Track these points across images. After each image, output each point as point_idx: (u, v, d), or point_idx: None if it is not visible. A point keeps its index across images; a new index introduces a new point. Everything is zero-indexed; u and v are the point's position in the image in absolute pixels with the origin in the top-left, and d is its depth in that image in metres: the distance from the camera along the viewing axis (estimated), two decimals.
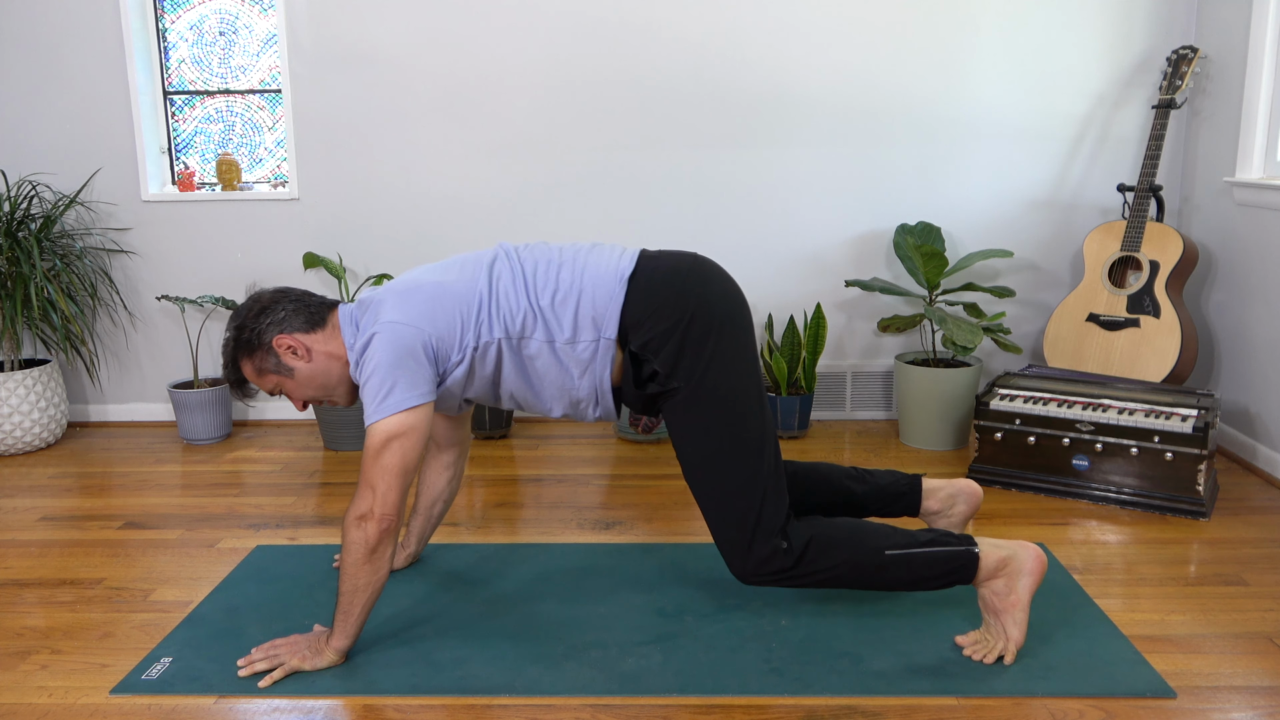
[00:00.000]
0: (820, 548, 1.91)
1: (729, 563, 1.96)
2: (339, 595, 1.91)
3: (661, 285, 1.95)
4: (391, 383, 1.85)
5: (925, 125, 3.46)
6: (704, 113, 3.47)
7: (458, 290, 1.94)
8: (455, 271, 1.98)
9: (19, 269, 3.27)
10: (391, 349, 1.86)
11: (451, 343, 1.92)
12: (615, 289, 1.95)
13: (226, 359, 2.04)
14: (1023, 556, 1.94)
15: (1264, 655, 1.97)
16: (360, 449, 3.38)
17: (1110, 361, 3.16)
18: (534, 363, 1.97)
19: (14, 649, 2.07)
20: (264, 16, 3.59)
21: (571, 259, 2.00)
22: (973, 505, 2.25)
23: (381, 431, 1.85)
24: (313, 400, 2.06)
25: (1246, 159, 3.12)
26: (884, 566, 1.93)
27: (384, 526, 1.85)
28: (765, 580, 1.93)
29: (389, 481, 1.85)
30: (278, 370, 2.01)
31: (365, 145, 3.52)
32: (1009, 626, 1.93)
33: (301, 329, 2.00)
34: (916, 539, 1.95)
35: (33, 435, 3.40)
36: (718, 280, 2.00)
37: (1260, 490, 2.89)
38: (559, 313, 1.95)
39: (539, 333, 1.95)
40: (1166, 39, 3.38)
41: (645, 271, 1.97)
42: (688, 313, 1.93)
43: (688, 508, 2.81)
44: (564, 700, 1.84)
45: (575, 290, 1.95)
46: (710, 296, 1.96)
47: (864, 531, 1.95)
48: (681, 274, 1.97)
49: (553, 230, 3.56)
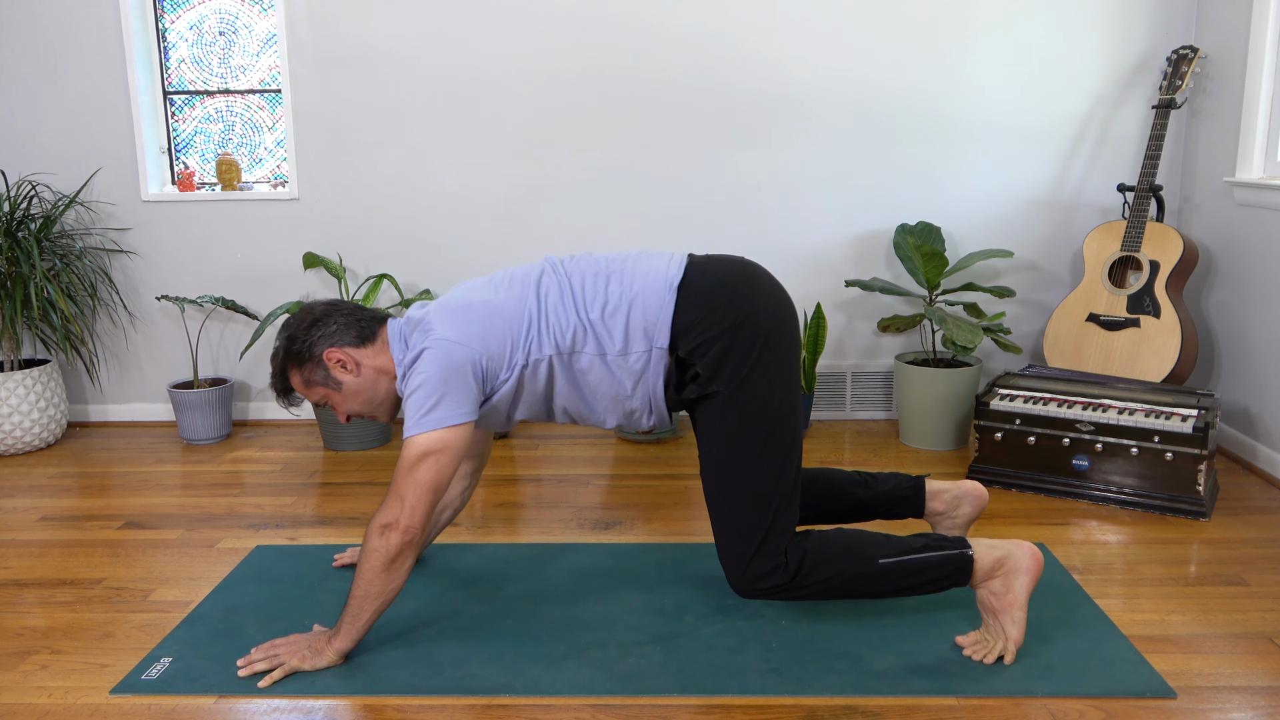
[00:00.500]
0: (815, 562, 1.92)
1: (729, 574, 1.96)
2: (350, 598, 1.91)
3: (712, 291, 1.95)
4: (437, 398, 1.86)
5: (925, 125, 3.46)
6: (704, 112, 3.47)
7: (507, 309, 1.94)
8: (504, 290, 1.98)
9: (19, 269, 3.27)
10: (441, 365, 1.87)
11: (501, 361, 1.93)
12: (666, 298, 1.95)
13: (275, 368, 2.04)
14: (1019, 555, 1.94)
15: (1264, 655, 1.97)
16: (360, 449, 3.39)
17: (1110, 361, 3.16)
18: (586, 376, 1.97)
19: (14, 649, 2.07)
20: (264, 16, 3.59)
21: (619, 269, 2.00)
22: (978, 507, 2.26)
23: (420, 445, 1.85)
24: (356, 414, 2.08)
25: (1246, 159, 3.12)
26: (878, 575, 1.93)
27: (407, 538, 1.86)
28: (762, 594, 1.94)
29: (419, 495, 1.85)
30: (325, 383, 2.02)
31: (365, 145, 3.53)
32: (1008, 626, 1.93)
33: (352, 343, 2.00)
34: (909, 546, 1.95)
35: (33, 435, 3.40)
36: (768, 289, 2.00)
37: (1260, 490, 2.89)
38: (609, 325, 1.95)
39: (590, 346, 1.95)
40: (1166, 39, 3.38)
41: (695, 278, 1.97)
42: (738, 320, 1.92)
43: (688, 508, 2.81)
44: (564, 700, 1.84)
45: (625, 301, 1.95)
46: (761, 305, 1.96)
47: (857, 542, 1.96)
48: (732, 280, 1.97)
49: (552, 230, 3.56)
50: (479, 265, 3.60)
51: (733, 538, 1.94)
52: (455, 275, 3.61)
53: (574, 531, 2.64)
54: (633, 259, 2.03)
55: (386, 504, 1.87)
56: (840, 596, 1.96)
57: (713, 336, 1.93)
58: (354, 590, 1.91)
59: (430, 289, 3.62)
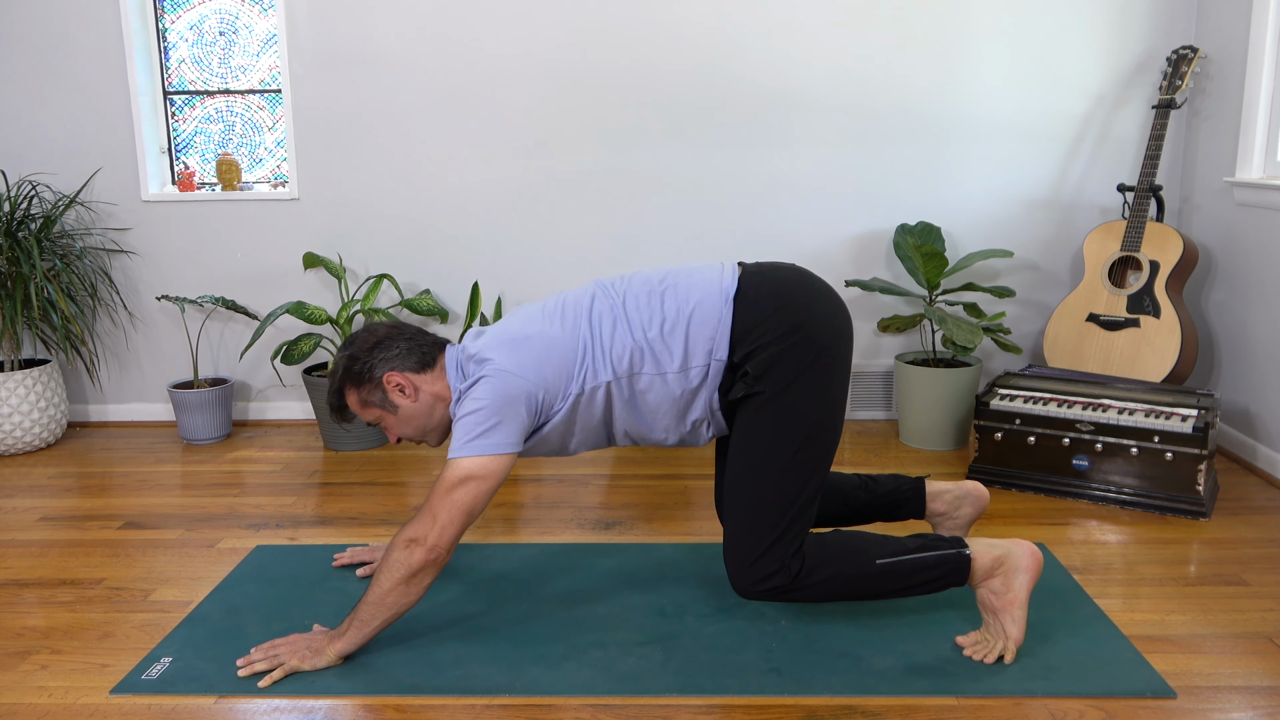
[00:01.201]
0: (813, 564, 1.92)
1: (731, 571, 1.96)
2: (362, 603, 1.91)
3: (769, 299, 1.95)
4: (489, 425, 1.87)
5: (925, 125, 3.46)
6: (704, 112, 3.47)
7: (563, 341, 1.95)
8: (558, 320, 1.98)
9: (19, 269, 3.27)
10: (497, 394, 1.88)
11: (556, 392, 1.94)
12: (723, 310, 1.95)
13: (333, 385, 2.05)
14: (1018, 554, 1.94)
15: (1264, 655, 1.97)
16: (360, 449, 3.39)
17: (1110, 361, 3.16)
18: (646, 396, 1.98)
19: (14, 649, 2.07)
20: (264, 16, 3.59)
21: (673, 285, 2.00)
22: (979, 508, 2.26)
23: (463, 468, 1.86)
24: (408, 438, 2.09)
25: (1246, 159, 3.12)
26: (876, 576, 1.93)
27: (432, 558, 1.86)
28: (761, 595, 1.94)
29: (452, 516, 1.86)
30: (382, 405, 2.03)
31: (365, 145, 3.53)
32: (1008, 625, 1.93)
33: (413, 368, 2.01)
34: (906, 546, 1.96)
35: (33, 435, 3.40)
36: (825, 297, 2.00)
37: (1260, 490, 2.89)
38: (669, 342, 1.95)
39: (648, 366, 1.95)
40: (1166, 39, 3.38)
41: (750, 287, 1.97)
42: (797, 326, 1.93)
43: (687, 508, 2.81)
44: (564, 700, 1.84)
45: (683, 317, 1.95)
46: (820, 312, 1.96)
47: (854, 544, 1.96)
48: (788, 288, 1.98)
49: (552, 229, 3.56)
50: (479, 265, 3.60)
51: (744, 535, 1.93)
52: (455, 275, 3.61)
53: (574, 531, 2.64)
54: (685, 273, 2.03)
55: (418, 519, 1.87)
56: (839, 598, 1.96)
57: (768, 341, 1.93)
58: (368, 596, 1.91)
59: (430, 289, 3.62)
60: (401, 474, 3.15)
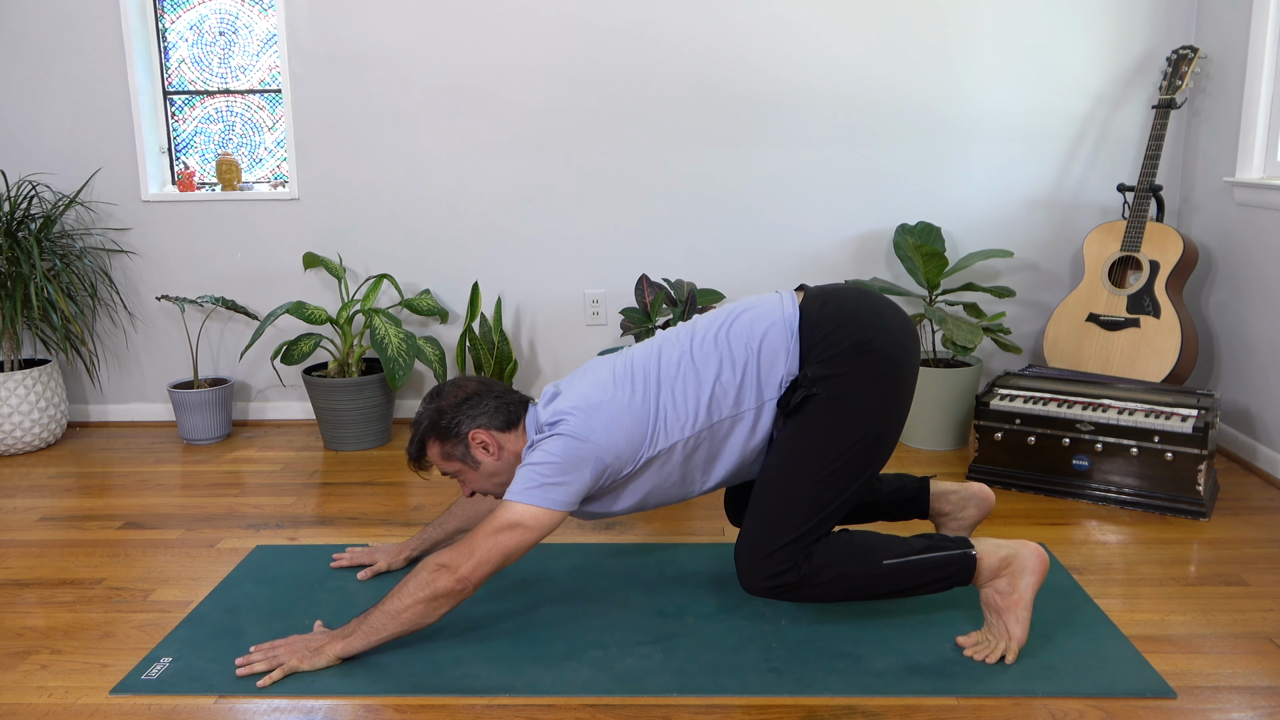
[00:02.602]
0: (820, 564, 1.92)
1: (740, 564, 1.95)
2: (376, 610, 1.92)
3: (831, 318, 1.96)
4: (553, 480, 1.88)
5: (925, 125, 3.46)
6: (704, 113, 3.47)
7: (635, 407, 1.94)
8: (627, 387, 1.97)
9: (19, 269, 3.27)
10: (568, 454, 1.89)
11: (627, 459, 1.94)
12: (790, 342, 1.96)
13: (416, 436, 2.05)
14: (1024, 555, 1.95)
15: (1264, 655, 1.97)
16: (360, 449, 3.39)
17: (1110, 361, 3.16)
18: (727, 442, 1.98)
19: (14, 649, 2.07)
20: (264, 16, 3.59)
21: (737, 323, 2.00)
22: (983, 510, 2.26)
23: (516, 513, 1.88)
24: (483, 492, 2.09)
25: (1246, 159, 3.12)
26: (883, 577, 1.93)
27: (458, 588, 1.87)
28: (769, 592, 1.93)
29: (489, 557, 1.87)
30: (464, 460, 2.03)
31: (365, 145, 3.53)
32: (1011, 625, 1.93)
33: (499, 427, 2.02)
34: (912, 547, 1.95)
35: (33, 435, 3.40)
36: (890, 313, 2.00)
37: (1260, 490, 2.89)
38: (743, 381, 1.95)
39: (725, 410, 1.95)
40: (1166, 39, 3.38)
41: (813, 309, 1.98)
42: (863, 341, 1.93)
43: (687, 508, 2.81)
44: (564, 700, 1.84)
45: (754, 355, 1.96)
46: (886, 327, 1.96)
47: (861, 544, 1.96)
48: (851, 306, 1.98)
49: (552, 230, 3.56)
50: (479, 265, 3.60)
51: (763, 530, 1.92)
52: (455, 275, 3.61)
53: (574, 531, 2.64)
54: (744, 308, 2.03)
55: (458, 548, 1.88)
56: (845, 598, 1.96)
57: (830, 356, 1.93)
58: (384, 606, 1.91)
59: (430, 289, 3.62)
60: (401, 474, 3.15)
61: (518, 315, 3.66)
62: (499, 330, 3.45)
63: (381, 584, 2.31)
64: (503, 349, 3.44)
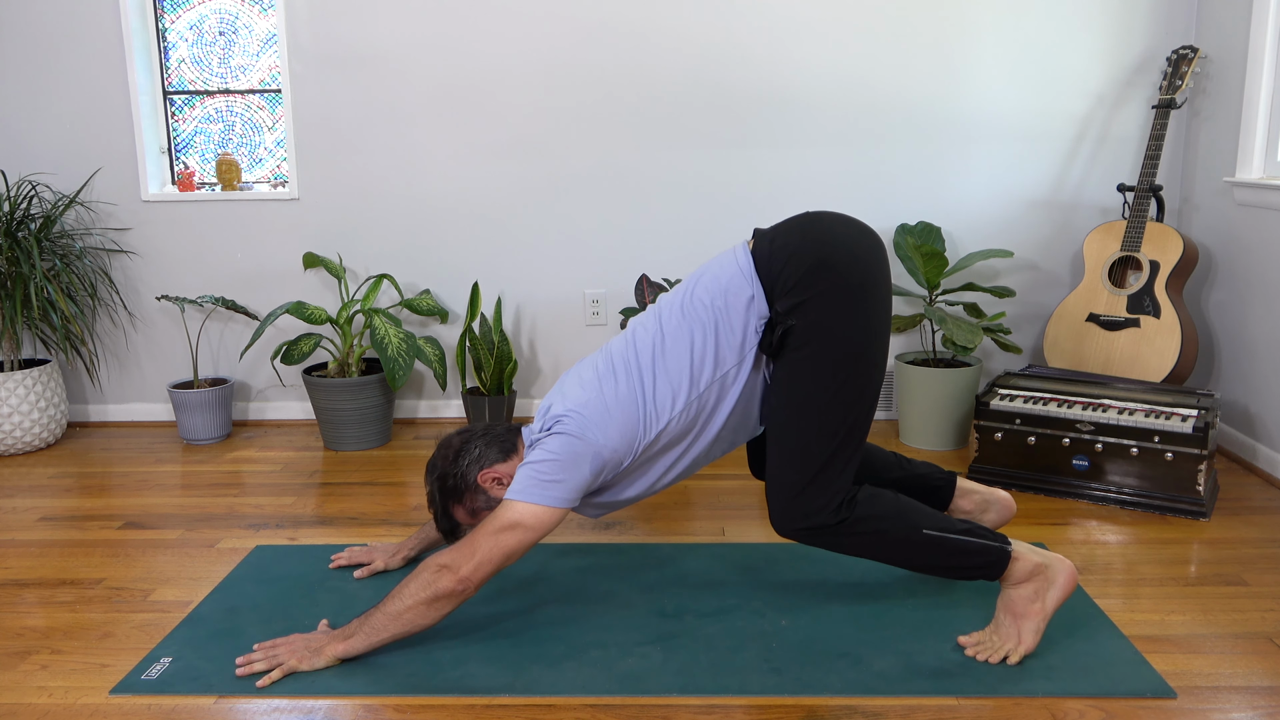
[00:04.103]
0: (862, 514, 1.90)
1: (772, 507, 1.94)
2: (377, 611, 1.92)
3: (782, 250, 1.94)
4: (554, 478, 1.88)
5: (925, 125, 3.46)
6: (703, 113, 3.47)
7: (623, 398, 1.95)
8: (611, 380, 1.97)
9: (19, 269, 3.27)
10: (567, 451, 1.90)
11: (625, 451, 1.95)
12: (751, 289, 1.94)
13: (437, 510, 2.07)
14: (1058, 568, 1.96)
15: (1264, 655, 1.97)
16: (360, 449, 3.38)
17: (1110, 361, 3.16)
18: (721, 403, 1.98)
19: (14, 649, 2.07)
20: (264, 16, 3.59)
21: (699, 288, 1.99)
22: (1003, 517, 2.26)
23: (516, 513, 1.88)
24: None
25: (1246, 159, 3.12)
26: (919, 545, 1.92)
27: (459, 589, 1.87)
28: (803, 533, 1.91)
29: (490, 557, 1.87)
30: (488, 505, 2.04)
31: (365, 145, 3.53)
32: (1025, 631, 1.93)
33: (499, 459, 2.04)
34: (953, 525, 1.95)
35: (33, 435, 3.40)
36: (841, 226, 1.97)
37: (1260, 490, 2.89)
38: (718, 342, 1.95)
39: (709, 374, 1.95)
40: (1166, 39, 3.38)
41: (764, 252, 1.96)
42: (818, 262, 1.90)
43: (688, 508, 2.81)
44: (564, 700, 1.84)
45: (721, 313, 1.95)
46: (838, 241, 1.93)
47: (907, 507, 1.95)
48: (799, 234, 1.95)
49: (552, 229, 3.56)
50: (479, 265, 3.60)
51: (786, 470, 1.91)
52: (455, 275, 3.61)
53: (574, 531, 2.64)
54: (703, 272, 2.03)
55: (458, 548, 1.88)
56: (874, 556, 1.95)
57: (791, 285, 1.90)
58: (385, 607, 1.91)
59: (430, 289, 3.62)
60: (401, 474, 3.15)
61: (518, 315, 3.66)
62: (499, 330, 3.45)
63: (381, 583, 2.31)
64: (503, 349, 3.44)
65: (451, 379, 3.71)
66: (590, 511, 2.09)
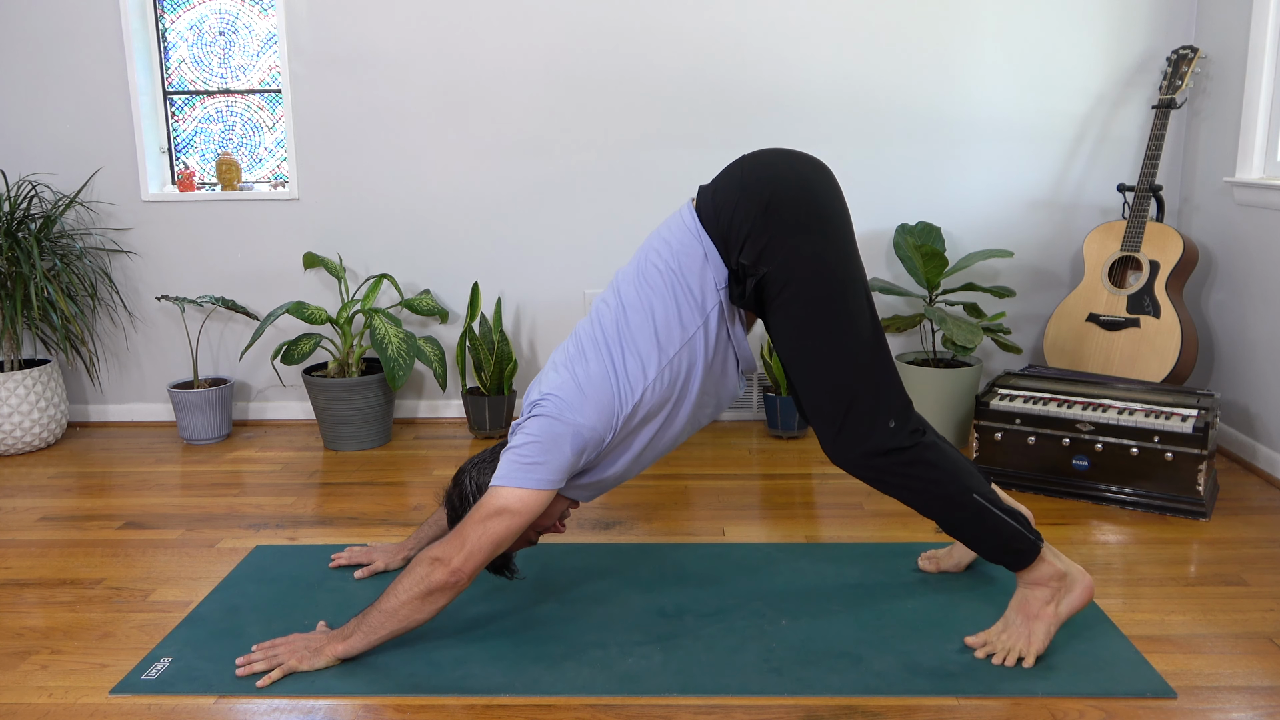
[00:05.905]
0: (926, 455, 1.89)
1: (825, 444, 1.92)
2: (373, 609, 1.91)
3: (725, 201, 1.91)
4: (537, 460, 1.88)
5: (925, 125, 3.46)
6: (704, 113, 3.47)
7: (594, 376, 1.94)
8: (581, 361, 1.97)
9: (19, 269, 3.27)
10: (547, 433, 1.89)
11: (605, 428, 1.94)
12: (702, 245, 1.92)
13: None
14: (1077, 578, 1.97)
15: (1264, 655, 1.97)
16: (360, 449, 3.38)
17: (1110, 361, 3.16)
18: (695, 366, 1.96)
19: (14, 649, 2.07)
20: (264, 16, 3.59)
21: (652, 254, 1.98)
22: None
23: (501, 498, 1.88)
24: (540, 530, 2.09)
25: (1246, 159, 3.12)
26: (962, 505, 1.92)
27: (452, 580, 1.87)
28: (863, 459, 1.89)
29: (480, 545, 1.86)
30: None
31: (365, 145, 3.53)
32: (1036, 633, 1.94)
33: None
34: (1000, 503, 1.95)
35: (33, 435, 3.40)
36: (779, 161, 1.94)
37: (1260, 490, 2.89)
38: (679, 306, 1.93)
39: (676, 339, 1.93)
40: (1166, 39, 3.38)
41: (708, 207, 1.94)
42: (762, 203, 1.87)
43: (687, 508, 2.81)
44: (564, 700, 1.84)
45: (677, 275, 1.93)
46: (778, 177, 1.90)
47: (965, 468, 1.94)
48: (737, 179, 1.93)
49: (552, 229, 3.56)
50: (479, 265, 3.60)
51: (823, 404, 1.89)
52: (455, 275, 3.61)
53: (574, 531, 2.64)
54: (653, 237, 2.01)
55: (448, 540, 1.88)
56: (918, 503, 1.93)
57: (744, 234, 1.87)
58: (380, 604, 1.91)
59: (430, 289, 3.62)
60: (401, 474, 3.15)
61: (518, 315, 3.66)
62: (499, 330, 3.45)
63: (381, 584, 2.31)
64: (503, 349, 3.44)
65: (451, 379, 3.71)
66: (582, 495, 2.07)
